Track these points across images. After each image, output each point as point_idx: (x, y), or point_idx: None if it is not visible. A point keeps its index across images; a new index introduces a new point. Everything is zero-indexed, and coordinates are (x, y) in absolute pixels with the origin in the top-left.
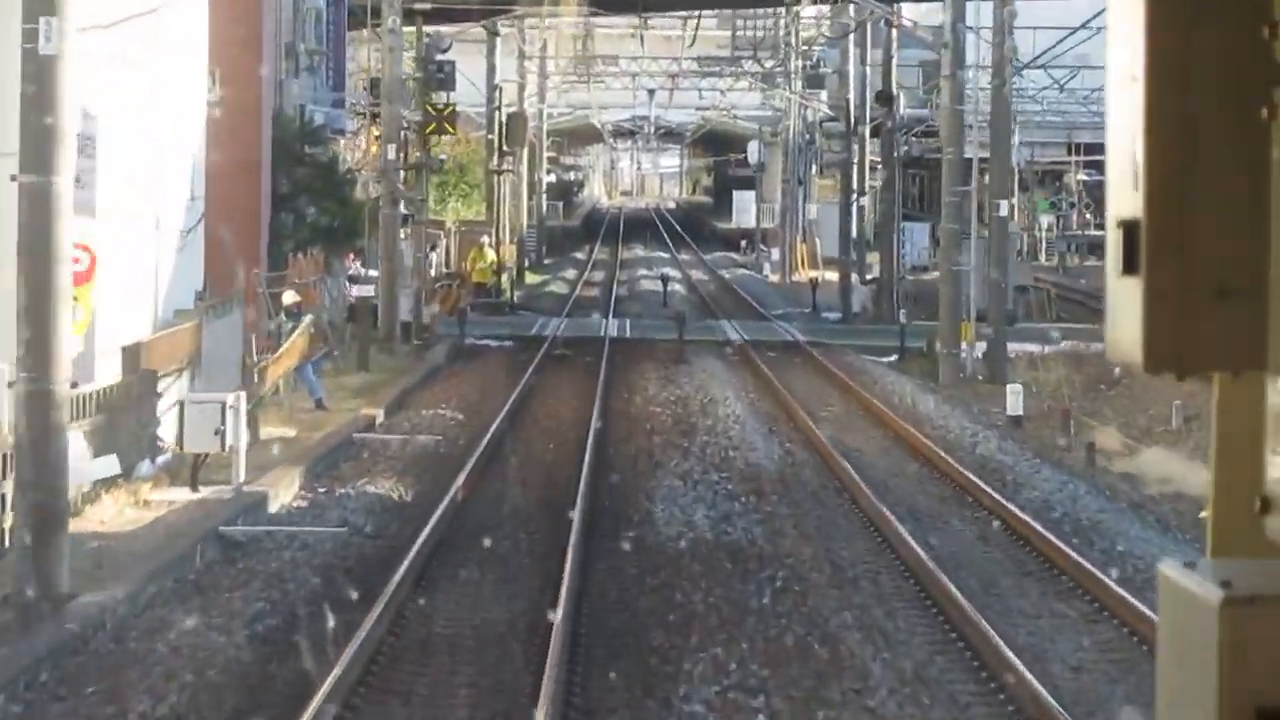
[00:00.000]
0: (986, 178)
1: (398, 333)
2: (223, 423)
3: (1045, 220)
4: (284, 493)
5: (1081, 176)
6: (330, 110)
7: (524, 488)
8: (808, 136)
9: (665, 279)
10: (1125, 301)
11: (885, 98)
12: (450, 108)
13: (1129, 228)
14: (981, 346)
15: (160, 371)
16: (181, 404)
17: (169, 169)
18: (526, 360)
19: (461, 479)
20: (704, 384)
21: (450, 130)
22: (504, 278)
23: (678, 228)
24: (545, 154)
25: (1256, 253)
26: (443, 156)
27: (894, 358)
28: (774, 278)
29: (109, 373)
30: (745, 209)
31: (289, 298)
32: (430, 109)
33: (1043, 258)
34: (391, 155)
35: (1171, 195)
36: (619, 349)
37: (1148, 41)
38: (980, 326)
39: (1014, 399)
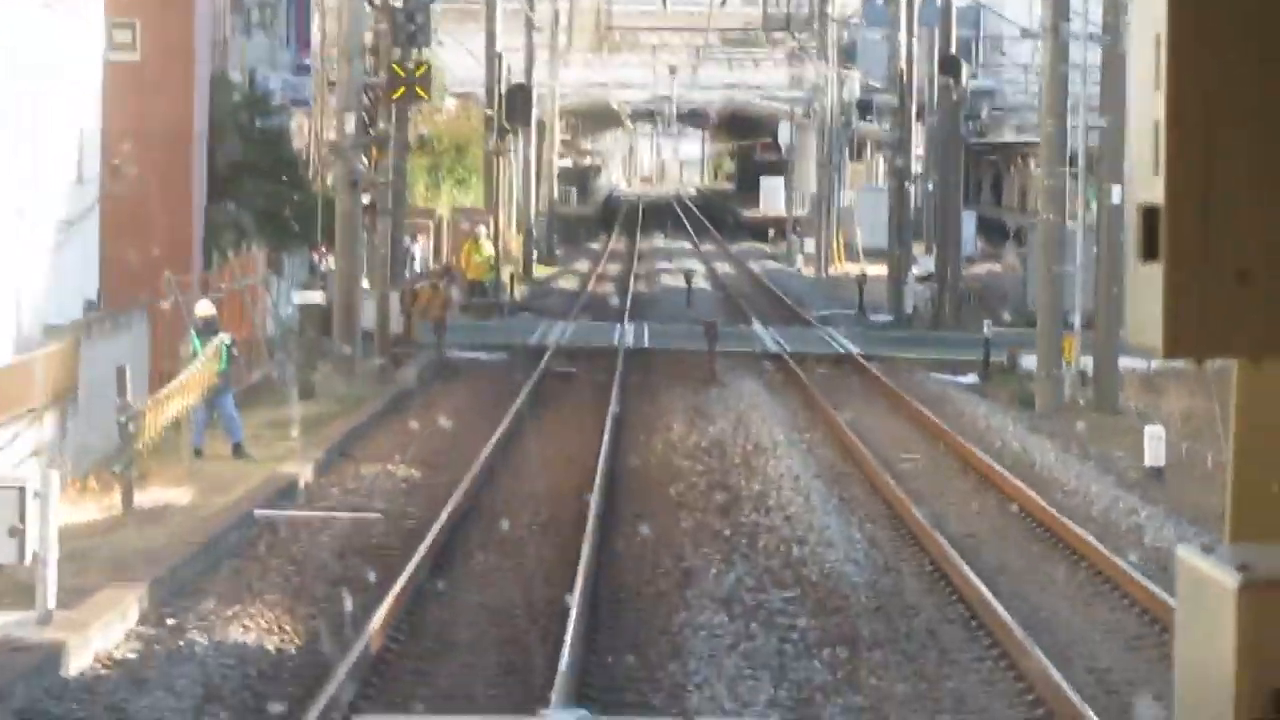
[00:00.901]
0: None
1: (358, 347)
2: (22, 519)
3: None
4: (105, 633)
5: None
6: (291, 77)
7: (478, 635)
8: (844, 117)
9: (689, 275)
10: (1146, 287)
11: (953, 64)
12: (423, 67)
13: (1149, 213)
14: (1080, 363)
15: None
16: None
17: (42, 143)
18: (519, 381)
19: (381, 614)
20: (744, 419)
21: (423, 96)
22: (506, 273)
23: (700, 216)
24: (558, 136)
25: (1277, 238)
26: (422, 132)
27: (973, 378)
28: (808, 271)
29: None
30: (773, 196)
31: (202, 309)
32: (397, 70)
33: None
34: (350, 128)
35: (1192, 181)
36: (636, 365)
37: (1170, 26)
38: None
39: (1154, 446)
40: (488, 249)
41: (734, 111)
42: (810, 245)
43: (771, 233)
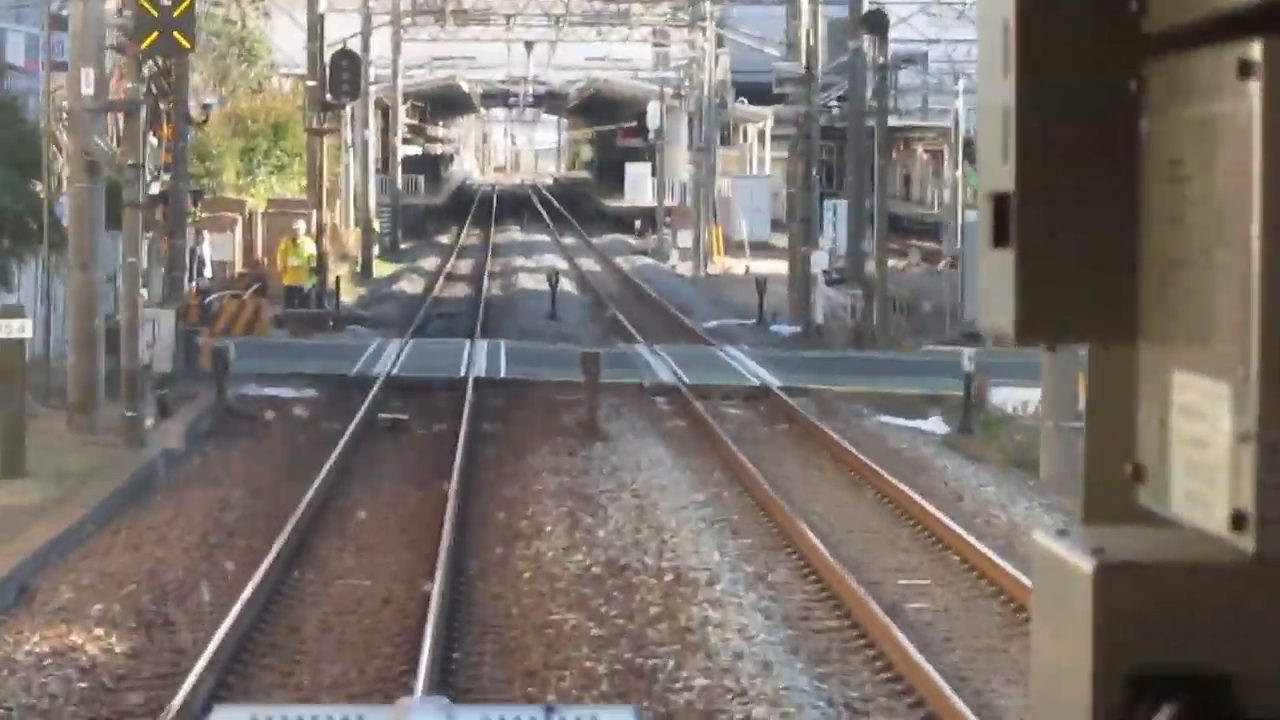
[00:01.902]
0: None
1: (99, 394)
2: None
3: None
4: None
5: None
6: (40, 32)
7: None
8: (719, 98)
9: (553, 277)
10: (997, 274)
11: (878, 20)
12: (185, 5)
13: (1000, 200)
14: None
15: None
16: None
17: None
18: (327, 438)
19: None
20: (647, 510)
21: (186, 45)
22: (337, 276)
23: (559, 206)
24: (402, 119)
25: (1125, 224)
26: (208, 102)
27: (938, 423)
28: (684, 268)
29: None
30: (639, 184)
31: None
32: (147, 6)
33: None
34: (89, 88)
35: (1040, 168)
36: (490, 405)
37: (1017, 14)
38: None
39: None
40: (308, 248)
41: (594, 94)
42: (684, 239)
43: (638, 224)
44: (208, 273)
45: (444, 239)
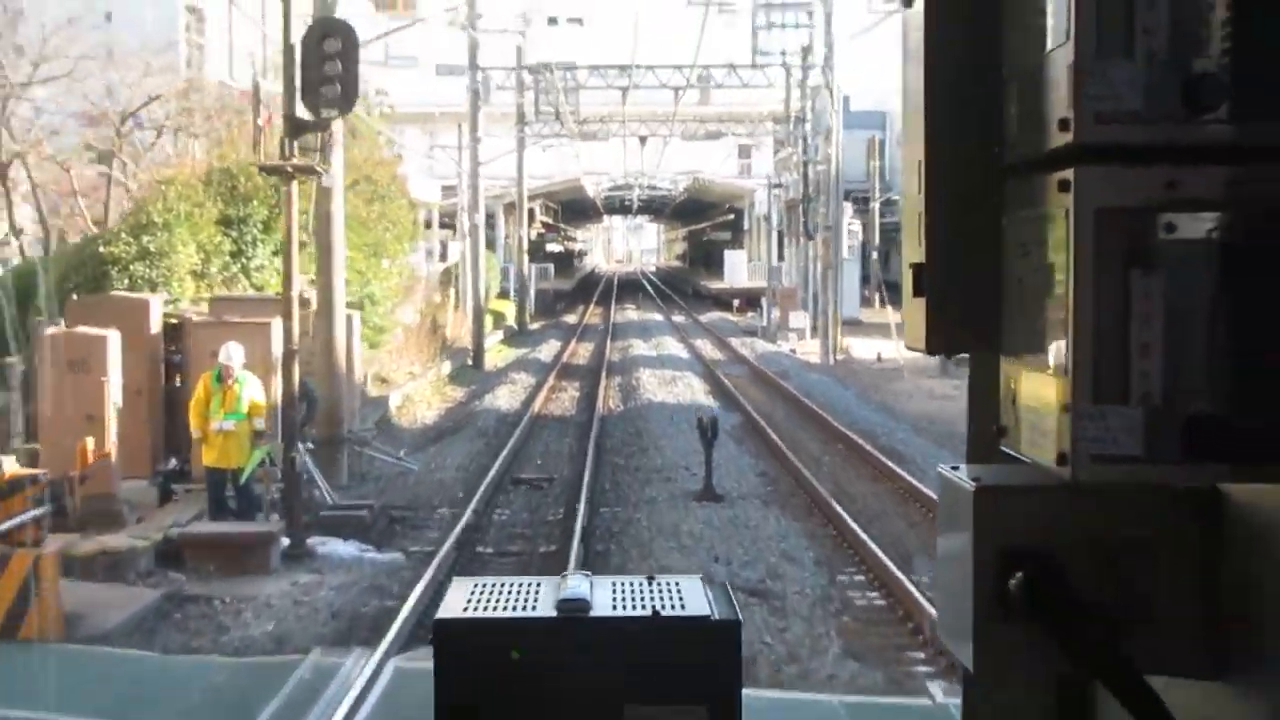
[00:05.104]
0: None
1: None
2: None
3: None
4: None
5: None
6: None
7: None
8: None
9: (708, 427)
10: (915, 313)
11: None
12: None
13: (916, 267)
14: None
15: None
16: None
17: None
18: None
19: None
20: None
21: None
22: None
23: (663, 287)
24: (539, 218)
25: (993, 282)
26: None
27: None
28: (802, 350)
29: None
30: (736, 268)
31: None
32: None
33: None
34: None
35: (940, 248)
36: None
37: (925, 155)
38: None
39: None
40: (251, 397)
41: (690, 197)
42: (794, 319)
43: (736, 303)
44: (4, 466)
45: (570, 319)
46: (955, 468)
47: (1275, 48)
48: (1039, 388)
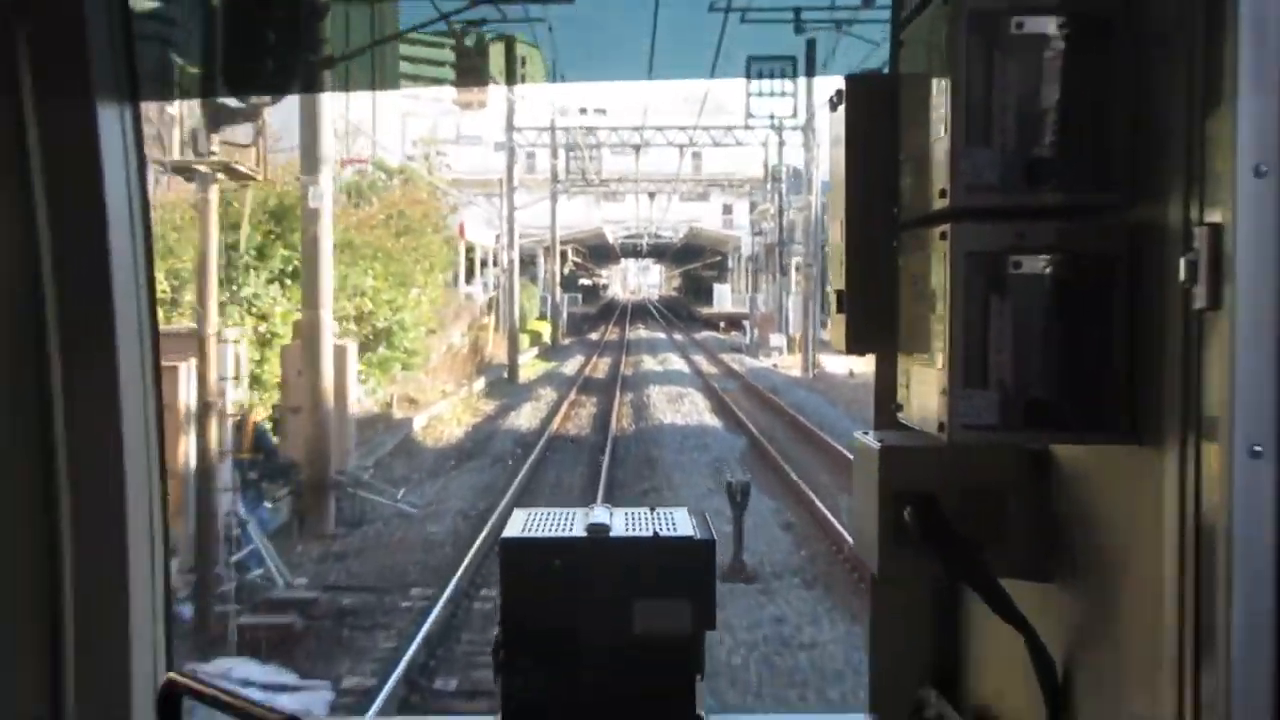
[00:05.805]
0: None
1: None
2: None
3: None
4: None
5: None
6: None
7: None
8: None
9: (738, 492)
10: (839, 324)
11: None
12: None
13: (839, 292)
14: None
15: None
16: None
17: None
18: None
19: None
20: None
21: None
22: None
23: (665, 311)
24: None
25: (893, 302)
26: None
27: None
28: (784, 366)
29: None
30: (723, 298)
31: None
32: None
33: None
34: None
35: (855, 277)
36: None
37: (846, 211)
38: None
39: None
40: None
41: (686, 244)
42: (775, 340)
43: (722, 324)
44: None
45: (594, 336)
46: (866, 433)
47: (1088, 142)
48: (925, 377)
